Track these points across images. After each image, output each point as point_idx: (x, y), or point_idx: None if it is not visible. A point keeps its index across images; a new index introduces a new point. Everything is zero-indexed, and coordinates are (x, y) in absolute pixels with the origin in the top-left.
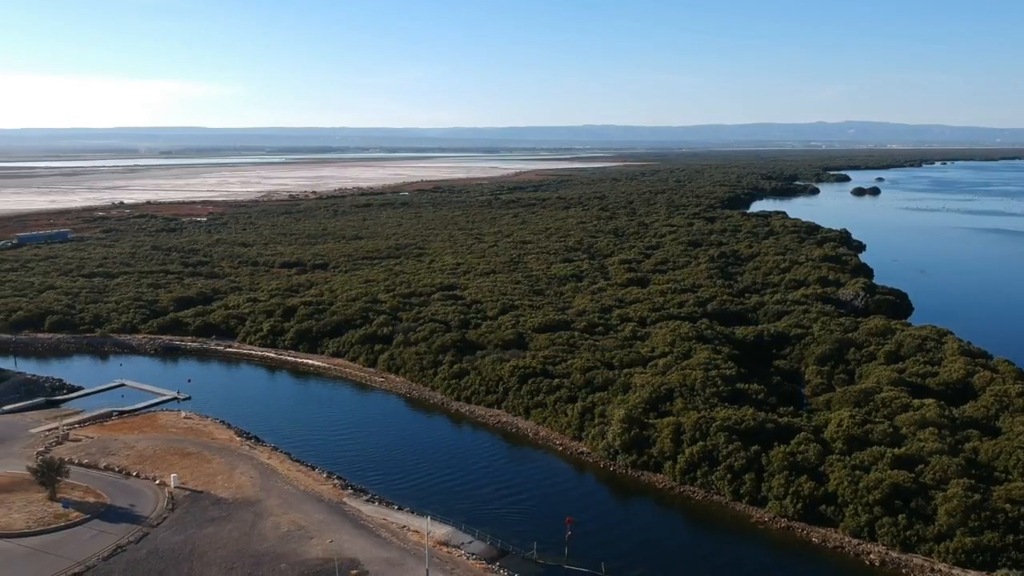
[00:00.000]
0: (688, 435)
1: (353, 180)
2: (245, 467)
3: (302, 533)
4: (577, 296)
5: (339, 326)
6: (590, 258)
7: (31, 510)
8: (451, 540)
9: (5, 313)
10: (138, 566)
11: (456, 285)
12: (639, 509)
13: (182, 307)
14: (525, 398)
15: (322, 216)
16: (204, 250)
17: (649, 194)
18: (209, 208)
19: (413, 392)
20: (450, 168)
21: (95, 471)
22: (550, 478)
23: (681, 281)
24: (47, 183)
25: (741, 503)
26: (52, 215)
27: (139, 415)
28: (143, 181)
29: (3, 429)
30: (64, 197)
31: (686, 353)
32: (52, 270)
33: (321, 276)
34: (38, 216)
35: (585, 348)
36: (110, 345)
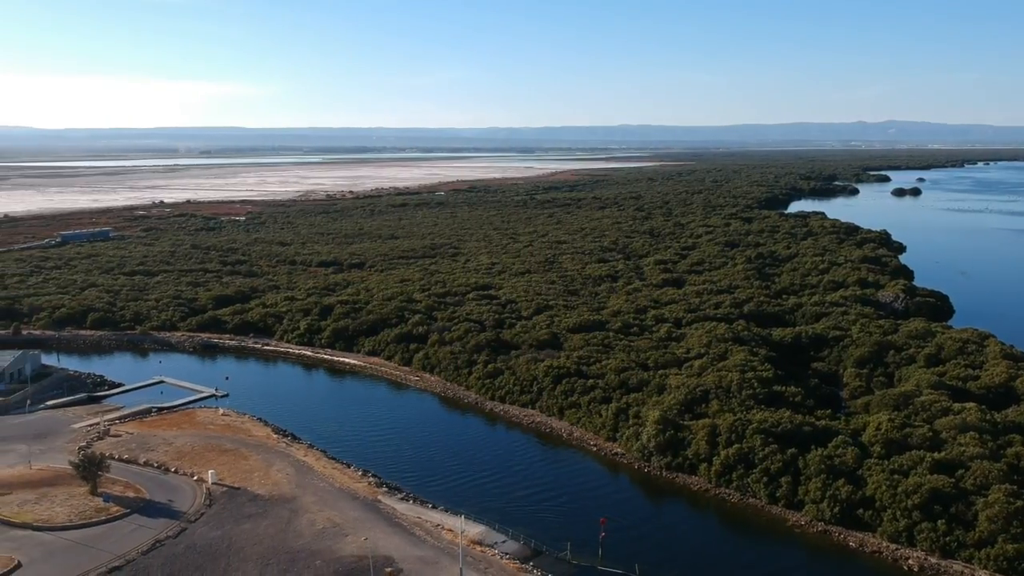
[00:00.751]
0: (724, 437)
1: (389, 180)
2: (281, 464)
3: (337, 530)
4: (612, 296)
5: (375, 325)
6: (625, 258)
7: (73, 504)
8: (485, 539)
9: (49, 310)
10: (176, 561)
11: (491, 285)
12: (673, 511)
13: (220, 305)
14: (559, 398)
15: (359, 216)
16: (242, 249)
17: (685, 194)
18: (248, 207)
19: (448, 391)
20: (485, 168)
21: (135, 466)
22: (584, 479)
23: (717, 282)
24: (89, 182)
25: (777, 506)
26: (94, 214)
27: (178, 412)
28: (183, 181)
29: (46, 424)
30: (106, 196)
31: (722, 355)
32: (94, 268)
33: (357, 275)
34: (81, 215)
35: (620, 349)
36: (150, 342)
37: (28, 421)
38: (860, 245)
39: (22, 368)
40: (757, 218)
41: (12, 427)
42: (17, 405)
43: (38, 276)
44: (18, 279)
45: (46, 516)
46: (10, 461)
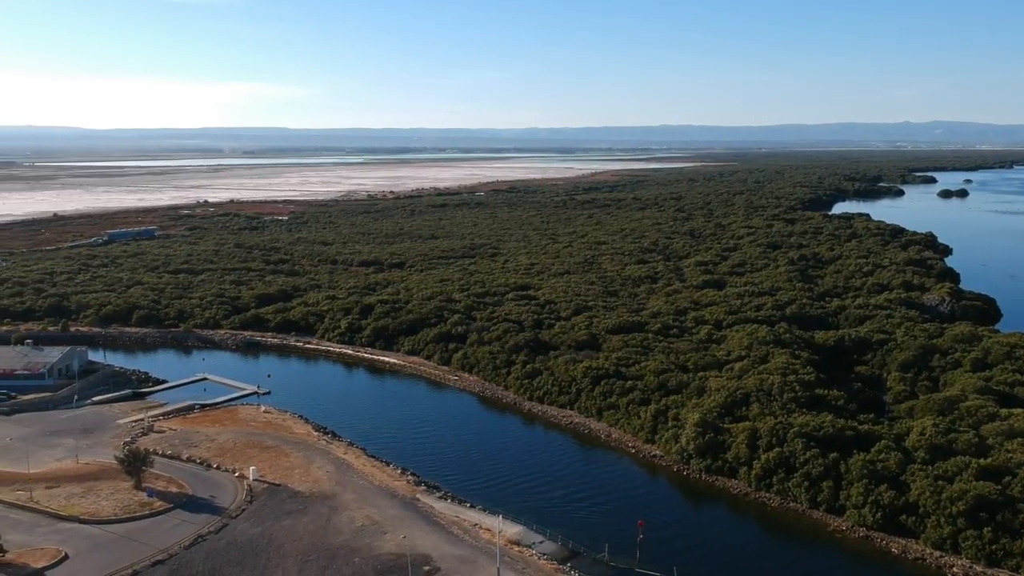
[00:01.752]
0: (764, 441)
1: (430, 180)
2: (322, 462)
3: (376, 528)
4: (652, 298)
5: (414, 324)
6: (665, 259)
7: (118, 498)
8: (522, 539)
9: (96, 307)
10: (218, 556)
11: (530, 285)
12: (713, 514)
13: (263, 304)
14: (598, 399)
15: (399, 216)
16: (285, 248)
17: (727, 195)
18: (290, 207)
19: (486, 391)
20: (525, 168)
21: (178, 462)
22: (622, 480)
23: (759, 284)
24: (136, 182)
25: (818, 511)
26: (140, 213)
27: (220, 408)
28: (227, 180)
29: (93, 419)
30: (151, 196)
31: (763, 357)
32: (139, 266)
33: (398, 275)
34: (127, 214)
35: (659, 350)
36: (193, 340)
37: (75, 416)
38: (905, 247)
39: (70, 364)
40: (800, 219)
41: (60, 421)
42: (65, 400)
43: (85, 274)
44: (66, 277)
45: (92, 509)
46: (58, 455)
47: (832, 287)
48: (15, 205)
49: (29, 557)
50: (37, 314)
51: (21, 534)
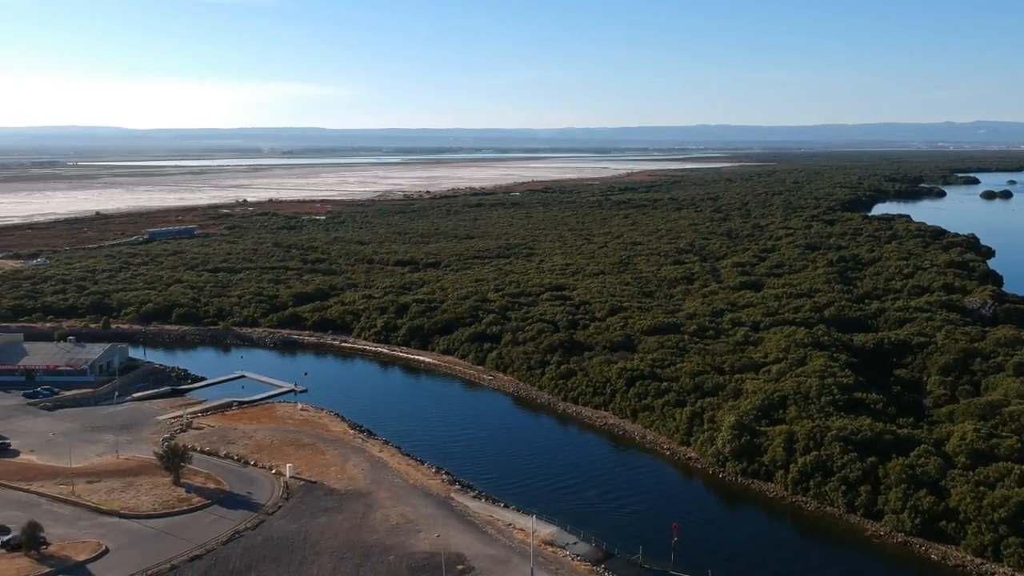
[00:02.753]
0: (801, 444)
1: (466, 180)
2: (357, 459)
3: (410, 526)
4: (688, 299)
5: (449, 324)
6: (702, 260)
7: (157, 493)
8: (556, 540)
9: (136, 305)
10: (254, 552)
11: (565, 285)
12: (748, 517)
13: (300, 303)
14: (632, 401)
15: (435, 216)
16: (322, 247)
17: (765, 195)
18: (328, 207)
19: (520, 391)
20: (561, 168)
21: (216, 459)
22: (657, 482)
23: (797, 285)
24: (176, 181)
25: (856, 515)
26: (180, 212)
27: (258, 406)
28: (265, 180)
29: (133, 415)
30: (191, 195)
31: (801, 360)
32: (179, 265)
33: (433, 275)
34: (167, 213)
35: (695, 352)
36: (232, 338)
37: (116, 412)
38: (947, 249)
39: (111, 361)
40: (839, 220)
41: (101, 417)
42: (106, 396)
43: (126, 272)
44: (108, 275)
45: (132, 504)
46: (99, 450)
47: (871, 289)
48: (58, 204)
49: (71, 550)
50: (79, 311)
51: (63, 527)
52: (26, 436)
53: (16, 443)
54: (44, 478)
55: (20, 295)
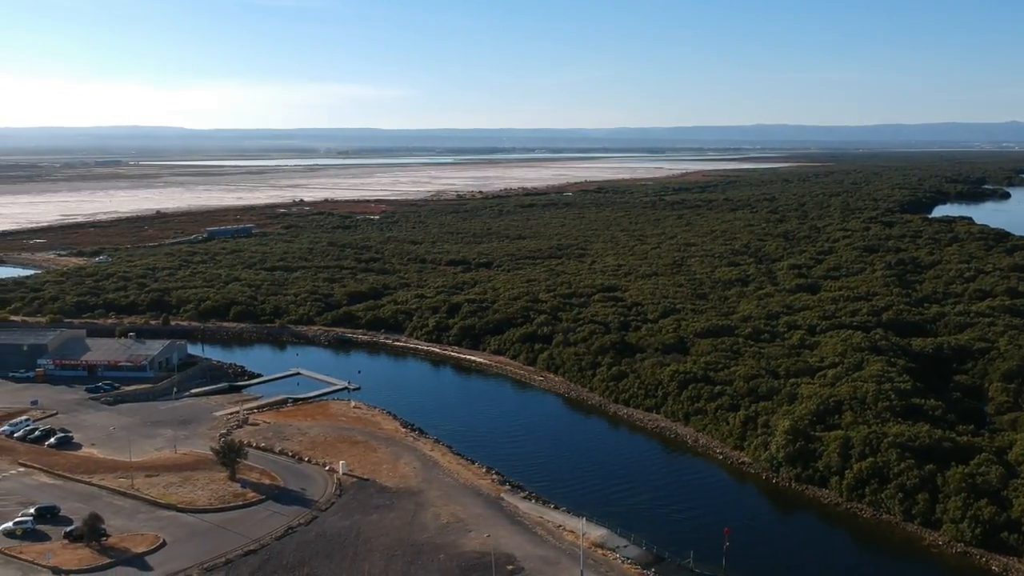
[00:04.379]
0: (857, 450)
1: (518, 180)
2: (409, 458)
3: (461, 526)
4: (742, 301)
5: (501, 324)
6: (757, 262)
7: (213, 488)
8: (606, 543)
9: (195, 302)
10: (307, 547)
11: (617, 287)
12: (802, 524)
13: (354, 301)
14: (685, 404)
15: (487, 216)
16: (376, 247)
17: (822, 196)
18: (382, 207)
19: (571, 392)
20: (614, 169)
21: (271, 455)
22: (709, 486)
23: (854, 288)
24: (234, 181)
25: (913, 524)
26: (238, 211)
27: (312, 403)
28: (321, 180)
29: (190, 411)
30: (249, 194)
31: (857, 364)
32: (237, 263)
33: (485, 274)
34: (226, 212)
35: (749, 355)
36: (287, 335)
37: (174, 407)
38: (1010, 252)
39: (170, 357)
40: (898, 222)
41: (160, 412)
42: (165, 392)
43: (186, 270)
44: (168, 272)
45: (189, 498)
46: (158, 445)
47: (931, 293)
48: (120, 202)
49: (130, 542)
50: (140, 308)
51: (123, 519)
52: (88, 430)
53: (78, 437)
54: (105, 471)
55: (83, 292)
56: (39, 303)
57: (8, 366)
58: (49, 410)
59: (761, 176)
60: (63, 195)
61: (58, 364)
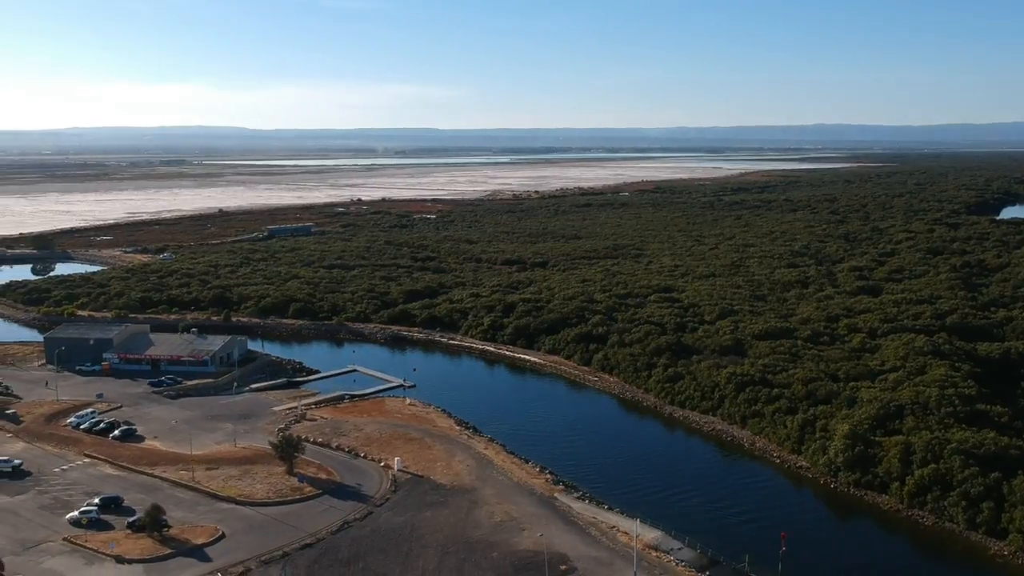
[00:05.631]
0: (919, 456)
1: (574, 180)
2: (463, 456)
3: (514, 524)
4: (801, 303)
5: (555, 324)
6: (817, 264)
7: (271, 482)
8: (660, 545)
9: (255, 299)
10: (362, 542)
11: (673, 287)
12: (860, 530)
13: (410, 300)
14: (742, 406)
15: (543, 215)
16: (432, 246)
17: (885, 197)
18: (438, 206)
19: (626, 393)
20: (671, 168)
21: (327, 450)
22: (765, 490)
23: (918, 291)
24: (295, 180)
25: (977, 533)
26: (298, 210)
27: (368, 400)
28: (379, 179)
29: (250, 405)
30: (309, 193)
31: (920, 368)
32: (296, 261)
33: (540, 274)
34: (286, 211)
35: (808, 358)
36: (345, 332)
37: (234, 402)
38: None
39: (231, 352)
40: (964, 224)
41: (220, 407)
42: (225, 387)
43: (247, 267)
44: (229, 269)
45: (247, 492)
46: (218, 438)
47: (998, 296)
48: (184, 201)
49: (190, 533)
50: (202, 304)
51: (183, 511)
52: (150, 423)
53: (141, 429)
54: (166, 463)
55: (147, 288)
56: (105, 298)
57: (75, 360)
58: (114, 403)
59: (822, 176)
60: (129, 193)
61: (123, 358)
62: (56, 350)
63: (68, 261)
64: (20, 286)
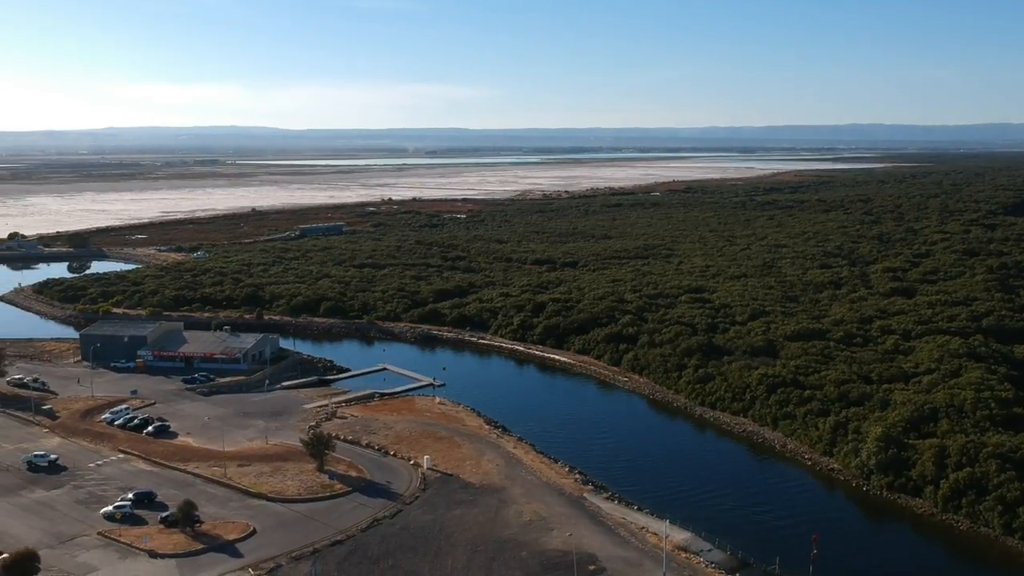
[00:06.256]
0: (953, 460)
1: (605, 180)
2: (492, 455)
3: (543, 524)
4: (834, 304)
5: (585, 324)
6: (850, 265)
7: (302, 479)
8: (690, 546)
9: (287, 298)
10: (392, 540)
11: (704, 288)
12: (893, 534)
13: (440, 299)
14: (773, 408)
15: (573, 215)
16: (462, 245)
17: (920, 198)
18: (468, 206)
19: (656, 393)
20: (703, 168)
21: (357, 448)
22: (796, 492)
23: (953, 293)
24: (326, 180)
25: (1013, 538)
26: (330, 209)
27: (398, 398)
28: (410, 179)
29: (281, 403)
30: (340, 193)
31: (955, 371)
32: (328, 260)
33: (570, 274)
34: (318, 210)
35: (841, 360)
36: (375, 331)
37: (266, 399)
38: None
39: (263, 350)
40: (1002, 225)
41: (252, 404)
42: (257, 384)
43: (279, 266)
44: (262, 268)
45: (279, 488)
46: (250, 435)
47: None
48: (218, 200)
49: (222, 529)
50: (235, 302)
51: (215, 507)
52: (184, 419)
53: (175, 425)
54: (199, 460)
55: (181, 286)
56: (140, 296)
57: (110, 356)
58: (148, 399)
59: (855, 177)
60: (163, 193)
61: (157, 355)
62: (91, 347)
63: (104, 259)
64: (57, 284)
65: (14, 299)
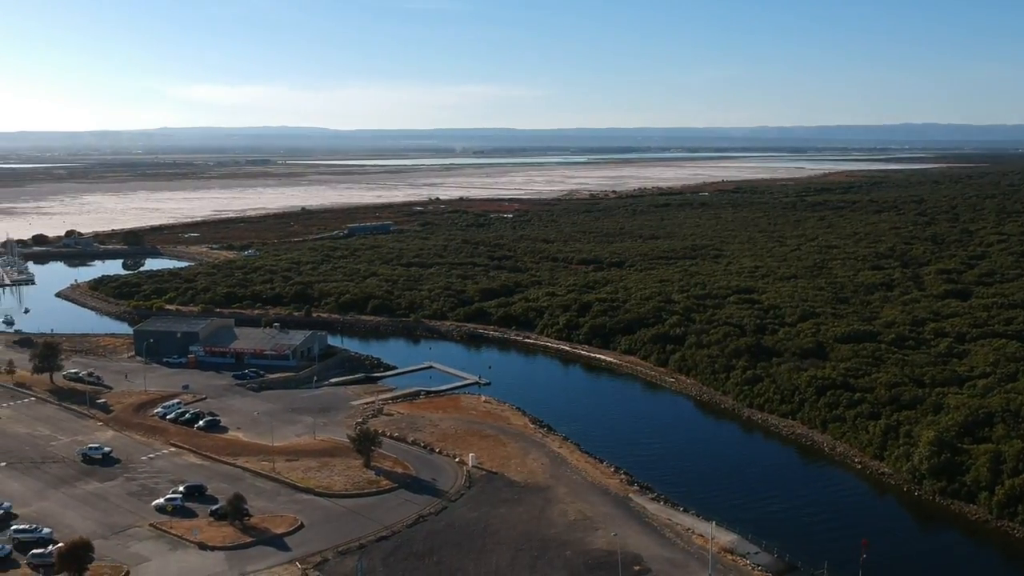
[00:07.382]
0: (1009, 465)
1: (652, 180)
2: (537, 454)
3: (588, 523)
4: (886, 306)
5: (632, 324)
6: (903, 266)
7: (349, 474)
8: (736, 548)
9: (336, 296)
10: (437, 536)
11: (753, 289)
12: (946, 540)
13: (486, 298)
14: (822, 410)
15: (620, 215)
16: (509, 245)
17: (975, 199)
18: (515, 205)
19: (703, 395)
20: (753, 168)
21: (403, 444)
22: (845, 496)
23: (1010, 295)
24: (374, 179)
25: None
26: (377, 208)
27: (444, 396)
28: (457, 179)
29: (329, 399)
30: (388, 192)
31: (1011, 375)
32: (376, 258)
33: (617, 274)
34: (366, 209)
35: (892, 362)
36: (421, 330)
37: (314, 395)
38: None
39: (311, 347)
40: None
41: (301, 400)
42: (306, 380)
43: (327, 264)
44: (311, 266)
45: (326, 483)
46: (298, 431)
47: None
48: (268, 199)
49: (270, 522)
50: (284, 300)
51: (264, 501)
52: (234, 414)
53: (225, 420)
54: (248, 454)
55: (232, 283)
56: (192, 293)
57: (163, 352)
58: (199, 394)
59: (909, 177)
60: (216, 192)
61: (208, 351)
62: (144, 342)
63: (157, 257)
64: (112, 280)
65: (70, 295)
